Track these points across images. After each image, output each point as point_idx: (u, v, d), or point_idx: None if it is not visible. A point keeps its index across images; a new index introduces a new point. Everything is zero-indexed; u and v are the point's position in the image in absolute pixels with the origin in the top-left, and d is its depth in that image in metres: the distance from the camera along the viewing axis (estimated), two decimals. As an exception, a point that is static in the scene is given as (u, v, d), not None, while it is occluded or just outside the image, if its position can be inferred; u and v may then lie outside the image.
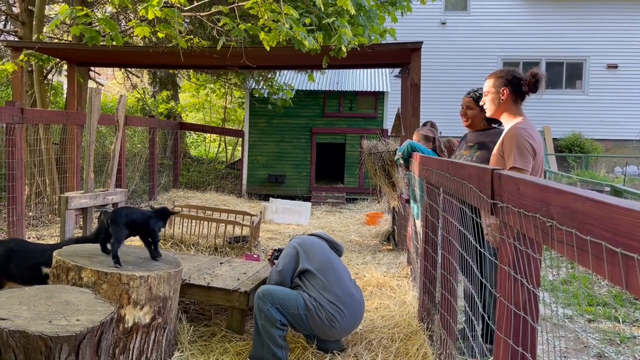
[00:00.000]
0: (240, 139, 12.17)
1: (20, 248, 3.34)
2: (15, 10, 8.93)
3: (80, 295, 2.44)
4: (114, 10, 9.09)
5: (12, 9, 9.35)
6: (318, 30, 5.66)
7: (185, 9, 5.30)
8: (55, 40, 9.71)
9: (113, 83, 16.96)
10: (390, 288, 4.36)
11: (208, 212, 6.72)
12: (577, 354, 3.33)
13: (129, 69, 13.30)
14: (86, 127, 4.57)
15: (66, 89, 8.98)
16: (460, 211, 2.33)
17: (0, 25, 11.01)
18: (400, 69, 8.14)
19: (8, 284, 3.29)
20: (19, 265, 3.23)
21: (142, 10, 4.58)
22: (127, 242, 3.43)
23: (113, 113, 7.08)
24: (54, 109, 9.75)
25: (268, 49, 4.97)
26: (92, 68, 10.57)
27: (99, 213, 4.15)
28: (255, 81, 10.86)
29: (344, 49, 5.29)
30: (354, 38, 5.34)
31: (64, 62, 8.21)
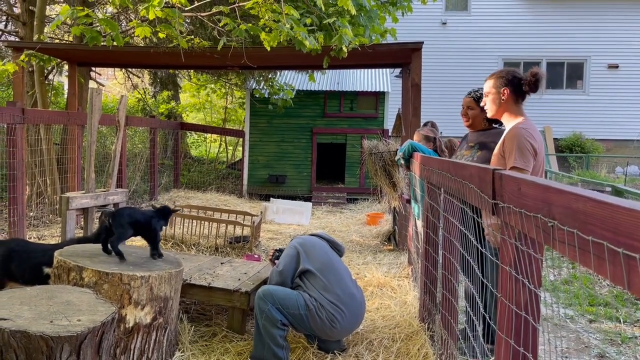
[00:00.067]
0: (240, 139, 12.17)
1: (22, 248, 3.34)
2: (16, 10, 8.95)
3: (82, 295, 2.45)
4: (114, 11, 9.10)
5: (13, 9, 9.36)
6: (319, 30, 5.66)
7: (186, 9, 5.31)
8: (56, 41, 9.72)
9: (114, 83, 16.97)
10: (391, 288, 4.36)
11: (209, 213, 6.72)
12: (578, 354, 3.33)
13: (130, 69, 13.32)
14: (87, 127, 4.58)
15: (67, 89, 8.98)
16: (461, 211, 2.33)
17: (1, 26, 11.03)
18: (401, 69, 8.14)
19: (9, 284, 3.29)
20: (20, 266, 3.23)
21: (142, 11, 4.58)
22: (127, 242, 3.43)
23: (114, 113, 7.09)
24: (54, 109, 9.77)
25: (269, 49, 4.98)
26: (93, 68, 10.57)
27: (99, 213, 4.16)
28: (255, 81, 10.86)
29: (344, 49, 5.29)
30: (354, 38, 5.34)
31: (64, 62, 8.22)
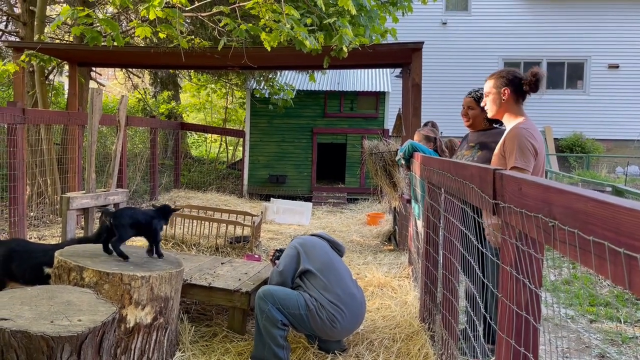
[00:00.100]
0: (241, 139, 12.17)
1: (22, 248, 3.34)
2: (17, 10, 8.96)
3: (82, 295, 2.45)
4: (115, 11, 9.10)
5: (14, 9, 9.37)
6: (319, 30, 5.66)
7: (187, 9, 5.31)
8: (57, 41, 9.72)
9: (114, 83, 16.98)
10: (391, 288, 4.36)
11: (209, 213, 6.73)
12: (579, 355, 3.32)
13: (130, 70, 13.33)
14: (87, 127, 4.58)
15: (67, 89, 8.99)
16: (461, 211, 2.32)
17: (1, 26, 11.03)
18: (401, 69, 8.14)
19: (10, 284, 3.30)
20: (20, 266, 3.23)
21: (143, 11, 4.59)
22: (127, 242, 3.43)
23: (114, 113, 7.09)
24: (55, 110, 9.77)
25: (269, 49, 4.98)
26: (93, 68, 10.58)
27: (100, 213, 4.16)
28: (256, 81, 10.86)
29: (345, 49, 5.29)
30: (355, 38, 5.34)
31: (65, 62, 8.22)
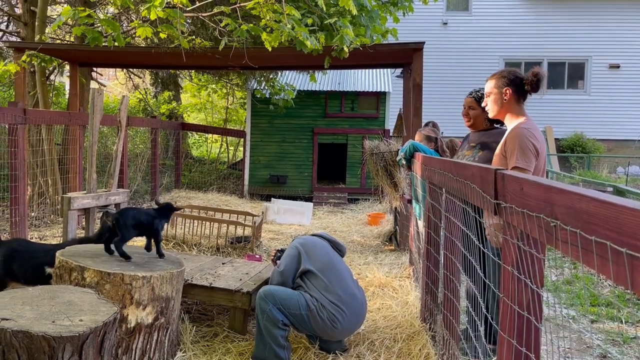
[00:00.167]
0: (242, 139, 12.17)
1: (23, 248, 3.34)
2: (18, 11, 8.97)
3: (83, 295, 2.45)
4: (116, 11, 9.11)
5: (15, 9, 9.38)
6: (320, 30, 5.66)
7: (188, 9, 5.31)
8: (58, 41, 9.73)
9: (115, 84, 16.99)
10: (392, 288, 4.36)
11: (210, 213, 6.73)
12: (581, 355, 3.32)
13: (131, 70, 13.33)
14: (88, 127, 4.58)
15: (68, 89, 8.99)
16: (462, 211, 2.32)
17: (2, 26, 11.04)
18: (402, 69, 8.13)
19: (11, 284, 3.30)
20: (22, 266, 3.24)
21: (144, 11, 4.59)
22: (129, 242, 3.44)
23: (115, 114, 7.10)
24: (56, 110, 9.78)
25: (270, 49, 4.98)
26: (94, 69, 10.58)
27: (101, 213, 4.16)
28: (257, 81, 10.86)
29: (345, 49, 5.28)
30: (355, 38, 5.34)
31: (66, 62, 8.23)
